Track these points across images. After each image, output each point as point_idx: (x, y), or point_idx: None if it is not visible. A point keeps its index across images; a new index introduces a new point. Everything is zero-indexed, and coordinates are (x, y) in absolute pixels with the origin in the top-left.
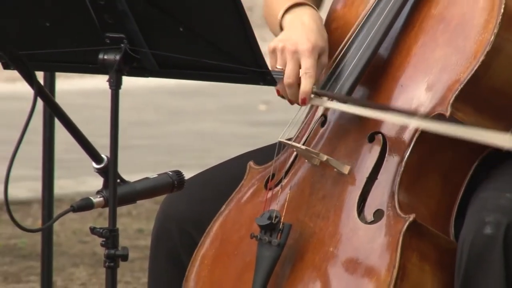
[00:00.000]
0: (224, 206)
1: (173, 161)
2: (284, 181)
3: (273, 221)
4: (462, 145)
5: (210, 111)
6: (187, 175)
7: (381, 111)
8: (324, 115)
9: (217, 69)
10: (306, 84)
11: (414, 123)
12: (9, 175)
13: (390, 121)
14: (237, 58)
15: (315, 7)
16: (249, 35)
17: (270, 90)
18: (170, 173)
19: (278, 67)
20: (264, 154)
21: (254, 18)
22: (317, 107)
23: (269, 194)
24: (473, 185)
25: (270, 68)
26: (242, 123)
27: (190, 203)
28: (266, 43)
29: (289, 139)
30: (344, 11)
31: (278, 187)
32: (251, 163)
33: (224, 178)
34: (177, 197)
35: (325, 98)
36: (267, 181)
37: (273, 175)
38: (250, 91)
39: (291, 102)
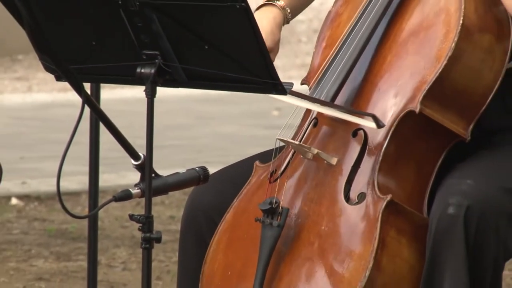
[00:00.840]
0: (235, 199)
1: (199, 159)
2: (283, 174)
3: (273, 205)
4: (432, 139)
5: (231, 116)
6: (211, 170)
7: (341, 110)
8: (316, 118)
9: (237, 81)
10: None
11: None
12: (61, 170)
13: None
14: (253, 71)
15: (282, 8)
16: (263, 52)
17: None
18: (197, 168)
19: None
20: (270, 155)
21: None
22: (311, 111)
23: (269, 183)
24: (442, 174)
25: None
26: (258, 126)
27: (213, 194)
28: (278, 59)
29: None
30: (330, 32)
31: (278, 179)
32: (257, 162)
33: (240, 174)
34: (203, 189)
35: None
36: (270, 175)
37: (275, 170)
38: (264, 99)
39: None
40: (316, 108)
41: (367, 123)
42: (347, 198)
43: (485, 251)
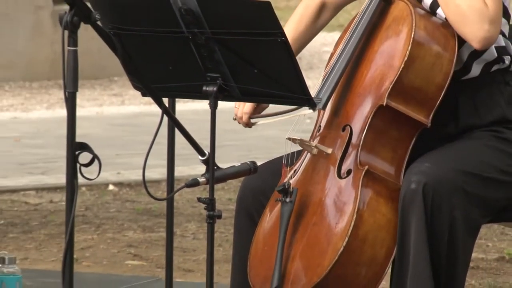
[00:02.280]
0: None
1: (250, 156)
2: (296, 167)
3: (285, 186)
4: (401, 127)
5: (273, 123)
6: (258, 164)
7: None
8: (320, 125)
9: (278, 96)
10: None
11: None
12: (146, 163)
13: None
14: (291, 89)
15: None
16: (299, 74)
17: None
18: (248, 163)
19: None
20: (297, 154)
21: (302, 64)
22: (320, 120)
23: (287, 174)
24: (412, 159)
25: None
26: (293, 131)
27: (259, 181)
28: (309, 79)
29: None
30: (336, 50)
31: (293, 171)
32: (284, 167)
33: (278, 166)
34: (252, 178)
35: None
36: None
37: (295, 167)
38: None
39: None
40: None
41: (304, 111)
42: (339, 175)
43: (439, 217)
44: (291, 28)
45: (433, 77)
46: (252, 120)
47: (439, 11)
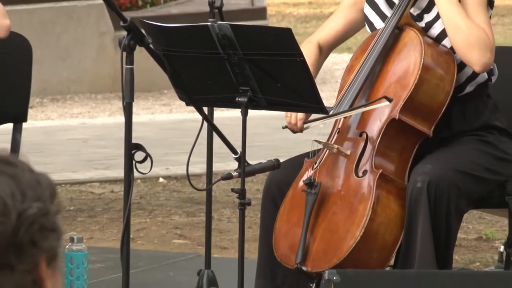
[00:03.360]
0: (294, 181)
1: (274, 154)
2: (319, 163)
3: (311, 180)
4: (408, 136)
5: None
6: (281, 161)
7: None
8: (339, 128)
9: (298, 105)
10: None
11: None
12: (189, 160)
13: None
14: (308, 99)
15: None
16: (314, 88)
17: None
18: (273, 160)
19: None
20: (314, 152)
21: (316, 79)
22: (337, 124)
23: (310, 169)
24: (416, 162)
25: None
26: (311, 134)
27: (282, 175)
28: (323, 92)
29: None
30: (352, 64)
31: (316, 166)
32: (306, 158)
33: (298, 163)
34: (276, 172)
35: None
36: (312, 165)
37: (315, 161)
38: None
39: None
40: (341, 116)
41: (382, 104)
42: (356, 174)
43: (440, 209)
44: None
45: (437, 96)
46: (305, 125)
47: (445, 41)
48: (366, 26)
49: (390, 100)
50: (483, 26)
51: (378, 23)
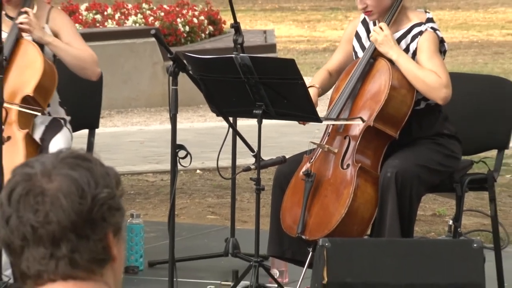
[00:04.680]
0: (296, 172)
1: (281, 152)
2: (314, 158)
3: (308, 172)
4: (380, 138)
5: (296, 132)
6: (287, 157)
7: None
8: (329, 132)
9: (298, 115)
10: None
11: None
12: (218, 156)
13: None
14: (306, 111)
15: (318, 87)
16: (311, 103)
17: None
18: (281, 156)
19: None
20: (311, 151)
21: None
22: (328, 130)
23: (308, 163)
24: (386, 158)
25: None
26: (309, 137)
27: (288, 167)
28: (317, 106)
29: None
30: (339, 84)
31: (312, 161)
32: (305, 155)
33: (300, 158)
34: (283, 166)
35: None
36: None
37: (312, 157)
38: (314, 126)
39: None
40: (330, 123)
41: (357, 122)
42: (342, 167)
43: (404, 193)
44: (317, 81)
45: (401, 108)
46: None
47: None
48: (353, 55)
49: (363, 121)
50: (436, 70)
51: (360, 53)
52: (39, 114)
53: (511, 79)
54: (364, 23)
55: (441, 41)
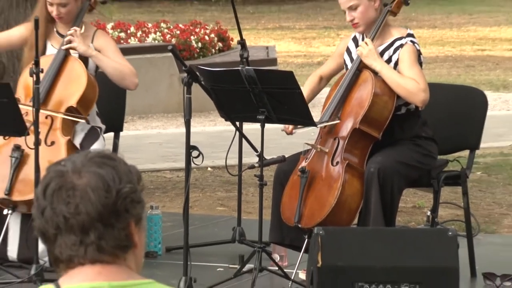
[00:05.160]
0: (293, 170)
1: (282, 152)
2: (310, 157)
3: (304, 169)
4: (366, 139)
5: (296, 136)
6: (286, 156)
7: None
8: (321, 135)
9: (296, 120)
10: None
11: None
12: (227, 156)
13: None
14: (303, 116)
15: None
16: (307, 109)
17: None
18: (281, 156)
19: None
20: (307, 151)
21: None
22: (321, 132)
23: (303, 161)
24: (370, 155)
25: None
26: (306, 139)
27: (287, 165)
28: (313, 112)
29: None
30: (330, 93)
31: (307, 159)
32: (301, 155)
33: (297, 158)
34: (283, 164)
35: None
36: (305, 158)
37: (306, 157)
38: (311, 130)
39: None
40: (321, 125)
41: (335, 122)
42: (332, 164)
43: (386, 186)
44: (307, 89)
45: (383, 112)
46: (294, 130)
47: None
48: (344, 66)
49: (339, 119)
50: (415, 77)
51: (350, 65)
52: (82, 121)
53: (481, 88)
54: (354, 40)
55: (419, 54)
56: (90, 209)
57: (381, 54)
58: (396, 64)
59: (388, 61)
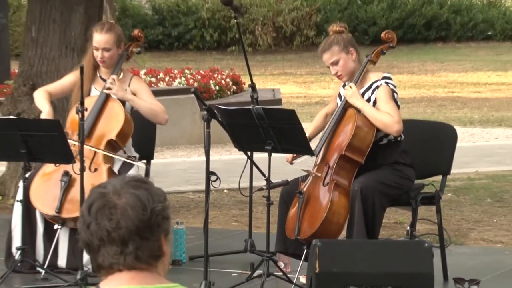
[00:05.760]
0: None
1: (285, 177)
2: (307, 181)
3: (301, 191)
4: (351, 163)
5: (299, 162)
6: (289, 180)
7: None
8: (316, 163)
9: (297, 150)
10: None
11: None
12: (240, 180)
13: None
14: (303, 147)
15: (309, 135)
16: (306, 141)
17: None
18: (285, 180)
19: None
20: (307, 176)
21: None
22: (316, 161)
23: (301, 185)
24: (356, 177)
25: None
26: (305, 166)
27: (290, 188)
28: (313, 144)
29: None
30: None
31: (304, 184)
32: (300, 180)
33: (297, 182)
34: (287, 187)
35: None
36: (303, 182)
37: (305, 181)
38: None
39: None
40: (313, 156)
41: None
42: (323, 184)
43: (368, 203)
44: (313, 126)
45: (365, 141)
46: (294, 161)
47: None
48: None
49: (314, 154)
50: (390, 112)
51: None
52: (117, 157)
53: (451, 124)
54: (344, 86)
55: (394, 92)
56: (129, 224)
57: (362, 95)
58: (374, 102)
59: (368, 100)
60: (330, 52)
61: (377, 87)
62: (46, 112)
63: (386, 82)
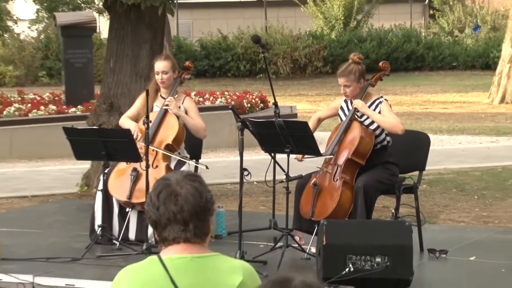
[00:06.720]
0: (308, 183)
1: (300, 172)
2: (318, 175)
3: (315, 183)
4: (355, 165)
5: (310, 161)
6: (303, 175)
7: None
8: (326, 161)
9: (308, 152)
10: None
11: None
12: (266, 174)
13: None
14: (313, 150)
15: None
16: (316, 146)
17: None
18: (300, 174)
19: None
20: (318, 171)
21: (318, 142)
22: (327, 159)
23: (315, 178)
24: (359, 175)
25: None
26: (316, 163)
27: (304, 181)
28: (321, 148)
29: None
30: (330, 135)
31: (317, 176)
32: (313, 174)
33: (310, 175)
34: (301, 180)
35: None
36: (316, 176)
37: (317, 174)
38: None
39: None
40: (319, 156)
41: (330, 156)
42: (333, 180)
43: (368, 196)
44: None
45: (366, 148)
46: (302, 159)
47: (371, 127)
48: (338, 117)
49: (333, 155)
50: (393, 117)
51: (343, 117)
52: (174, 156)
53: (426, 132)
54: (345, 101)
55: (390, 106)
56: (190, 208)
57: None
58: (379, 113)
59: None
60: (347, 78)
61: (380, 102)
62: (133, 125)
63: (385, 100)
